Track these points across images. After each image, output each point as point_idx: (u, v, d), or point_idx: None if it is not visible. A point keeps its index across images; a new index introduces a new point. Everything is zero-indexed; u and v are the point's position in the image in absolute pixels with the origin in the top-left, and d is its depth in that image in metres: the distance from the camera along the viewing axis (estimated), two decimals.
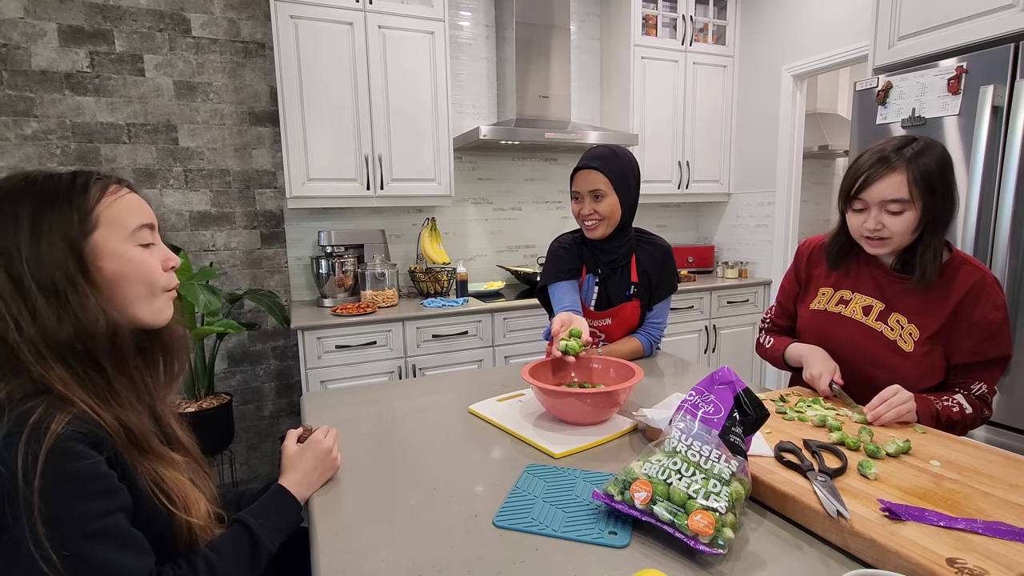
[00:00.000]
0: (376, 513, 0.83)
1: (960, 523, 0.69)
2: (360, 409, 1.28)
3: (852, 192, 1.13)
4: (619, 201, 1.52)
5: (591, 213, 1.52)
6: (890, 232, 1.10)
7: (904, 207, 1.07)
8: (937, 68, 1.79)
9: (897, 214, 1.08)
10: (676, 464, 0.76)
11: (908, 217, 1.08)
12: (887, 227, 1.10)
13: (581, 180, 1.53)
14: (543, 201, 3.32)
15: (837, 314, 1.26)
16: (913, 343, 1.14)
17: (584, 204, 1.53)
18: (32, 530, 0.58)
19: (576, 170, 1.54)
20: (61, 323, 0.67)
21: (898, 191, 1.06)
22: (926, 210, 1.07)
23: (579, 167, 1.54)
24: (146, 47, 2.40)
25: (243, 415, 2.71)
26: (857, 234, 1.16)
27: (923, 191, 1.06)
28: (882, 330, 1.18)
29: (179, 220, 2.53)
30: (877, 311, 1.20)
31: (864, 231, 1.13)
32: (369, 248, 2.70)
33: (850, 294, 1.25)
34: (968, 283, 1.11)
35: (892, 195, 1.07)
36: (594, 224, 1.54)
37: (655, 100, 3.16)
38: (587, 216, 1.53)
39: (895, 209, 1.08)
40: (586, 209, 1.53)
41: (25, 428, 0.61)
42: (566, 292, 1.56)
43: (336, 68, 2.42)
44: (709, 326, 3.16)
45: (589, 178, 1.51)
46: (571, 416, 1.13)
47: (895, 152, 1.08)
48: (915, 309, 1.15)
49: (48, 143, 2.29)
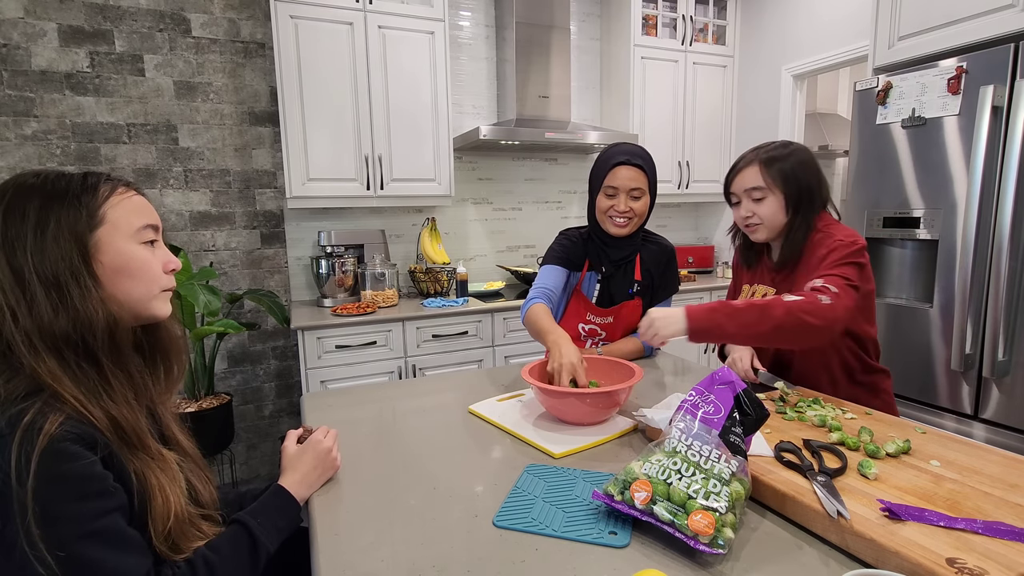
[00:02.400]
0: (376, 513, 0.83)
1: (960, 523, 0.69)
2: (360, 409, 1.28)
3: (727, 188, 1.35)
4: (650, 201, 1.53)
5: (627, 211, 1.50)
6: (760, 218, 1.29)
7: (764, 193, 1.27)
8: (937, 68, 1.78)
9: (760, 200, 1.28)
10: (676, 464, 0.76)
11: (770, 203, 1.27)
12: (756, 213, 1.29)
13: (622, 176, 1.48)
14: (543, 201, 3.32)
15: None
16: None
17: (620, 201, 1.49)
18: (26, 531, 0.58)
19: (615, 164, 1.49)
20: (57, 315, 0.67)
21: (754, 180, 1.27)
22: (787, 197, 1.25)
23: (620, 162, 1.49)
24: (146, 47, 2.40)
25: (243, 415, 2.71)
26: (740, 224, 1.35)
27: (777, 180, 1.25)
28: None
29: (179, 220, 2.53)
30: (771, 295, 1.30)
31: (740, 220, 1.34)
32: (369, 248, 2.70)
33: (758, 287, 1.40)
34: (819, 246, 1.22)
35: (750, 183, 1.28)
36: (626, 222, 1.51)
37: (655, 100, 3.16)
38: (623, 213, 1.50)
39: (757, 196, 1.28)
40: (622, 206, 1.49)
41: (18, 429, 0.61)
42: (551, 274, 1.56)
43: (336, 68, 2.42)
44: None
45: (632, 175, 1.48)
46: (571, 416, 1.13)
47: (752, 151, 1.30)
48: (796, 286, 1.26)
49: (48, 143, 2.29)
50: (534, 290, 1.53)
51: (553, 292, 1.53)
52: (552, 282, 1.55)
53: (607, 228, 1.55)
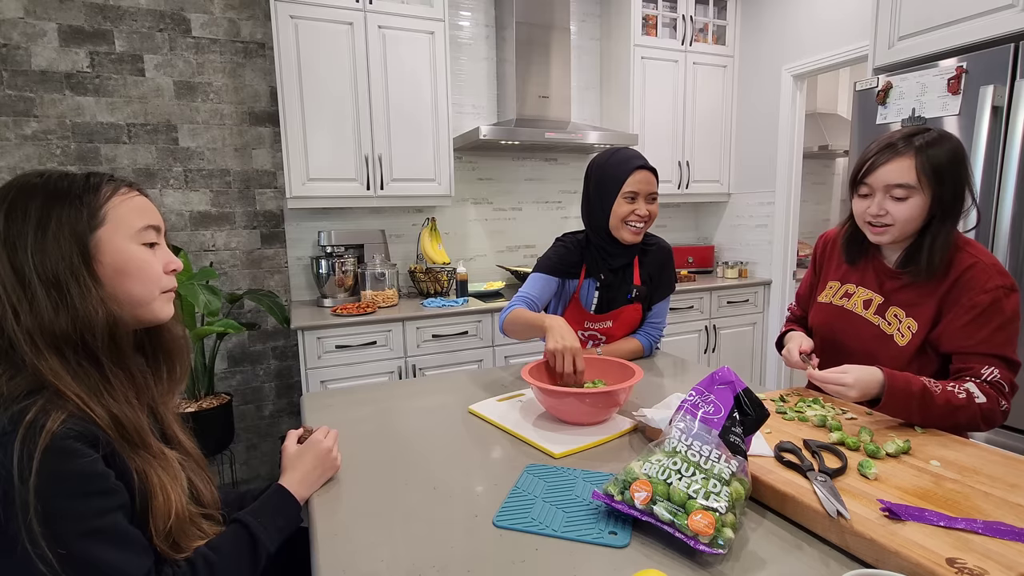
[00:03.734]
0: (376, 513, 0.83)
1: (960, 523, 0.69)
2: (360, 409, 1.28)
3: (859, 176, 1.13)
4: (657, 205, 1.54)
5: (646, 215, 1.50)
6: (893, 219, 1.09)
7: (909, 193, 1.06)
8: (937, 68, 1.79)
9: (901, 200, 1.07)
10: (676, 464, 0.76)
11: (913, 204, 1.07)
12: (890, 213, 1.09)
13: (643, 181, 1.49)
14: (543, 201, 3.32)
15: (840, 307, 1.26)
16: (911, 335, 1.13)
17: (639, 205, 1.49)
18: (28, 529, 0.58)
19: (635, 168, 1.48)
20: (58, 314, 0.67)
21: (903, 176, 1.06)
22: (934, 199, 1.06)
23: (640, 166, 1.49)
24: (146, 47, 2.40)
25: (243, 415, 2.71)
26: (861, 220, 1.16)
27: (931, 179, 1.05)
28: (879, 324, 1.18)
29: (179, 220, 2.53)
30: (876, 305, 1.20)
31: (867, 216, 1.13)
32: (369, 248, 2.70)
33: (854, 288, 1.25)
34: (960, 269, 1.08)
35: (897, 180, 1.07)
36: (643, 227, 1.52)
37: (655, 100, 3.16)
38: (642, 217, 1.50)
39: (900, 195, 1.07)
40: (642, 210, 1.49)
41: (20, 427, 0.61)
42: (538, 283, 1.54)
43: (336, 68, 2.42)
44: (709, 326, 3.17)
45: (650, 179, 1.50)
46: (571, 416, 1.13)
47: (903, 140, 1.08)
48: (910, 302, 1.14)
49: (48, 143, 2.29)
50: (515, 298, 1.53)
51: (536, 301, 1.52)
52: (537, 291, 1.53)
53: (622, 236, 1.52)
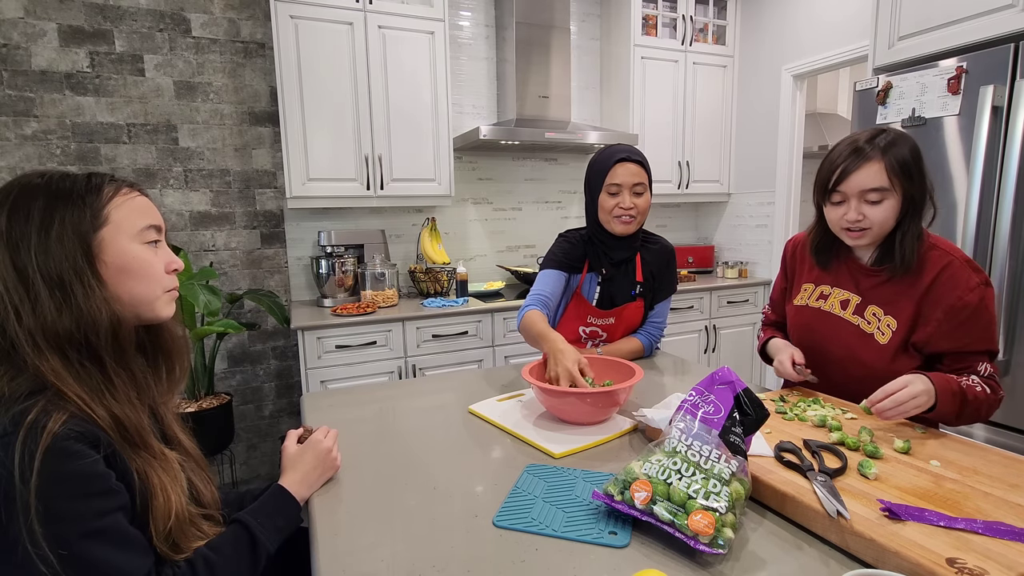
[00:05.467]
0: (376, 513, 0.83)
1: (960, 523, 0.69)
2: (360, 409, 1.28)
3: (830, 185, 1.13)
4: (650, 198, 1.54)
5: (631, 207, 1.50)
6: (870, 222, 1.10)
7: (883, 195, 1.08)
8: (937, 68, 1.79)
9: (876, 203, 1.09)
10: (676, 464, 0.76)
11: (888, 205, 1.08)
12: (868, 217, 1.10)
13: (624, 173, 1.48)
14: (543, 201, 3.32)
15: (817, 309, 1.26)
16: (891, 333, 1.14)
17: (623, 198, 1.49)
18: (29, 529, 0.58)
19: (616, 161, 1.49)
20: (61, 314, 0.67)
21: (876, 180, 1.07)
22: (905, 197, 1.08)
23: (622, 159, 1.49)
24: (146, 47, 2.40)
25: (243, 415, 2.71)
26: (837, 227, 1.16)
27: (901, 178, 1.07)
28: (859, 323, 1.19)
29: (179, 220, 2.53)
30: (854, 304, 1.20)
31: (844, 223, 1.13)
32: (369, 248, 2.70)
33: (829, 289, 1.25)
34: (936, 268, 1.10)
35: (871, 184, 1.08)
36: (630, 219, 1.51)
37: (655, 100, 3.16)
38: (627, 210, 1.50)
39: (874, 198, 1.08)
40: (626, 203, 1.49)
41: (22, 427, 0.61)
42: (549, 280, 1.56)
43: (336, 68, 2.42)
44: (709, 326, 3.16)
45: (633, 171, 1.49)
46: (571, 416, 1.13)
47: (868, 143, 1.09)
48: (888, 300, 1.15)
49: (48, 143, 2.29)
50: (530, 296, 1.53)
51: (550, 299, 1.53)
52: (550, 288, 1.54)
53: (612, 228, 1.53)
